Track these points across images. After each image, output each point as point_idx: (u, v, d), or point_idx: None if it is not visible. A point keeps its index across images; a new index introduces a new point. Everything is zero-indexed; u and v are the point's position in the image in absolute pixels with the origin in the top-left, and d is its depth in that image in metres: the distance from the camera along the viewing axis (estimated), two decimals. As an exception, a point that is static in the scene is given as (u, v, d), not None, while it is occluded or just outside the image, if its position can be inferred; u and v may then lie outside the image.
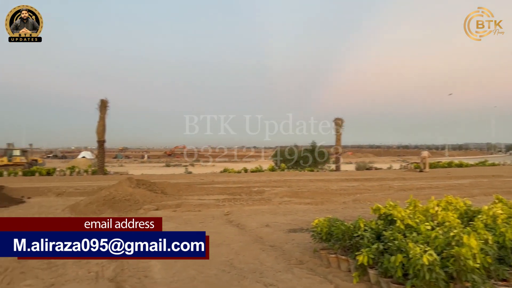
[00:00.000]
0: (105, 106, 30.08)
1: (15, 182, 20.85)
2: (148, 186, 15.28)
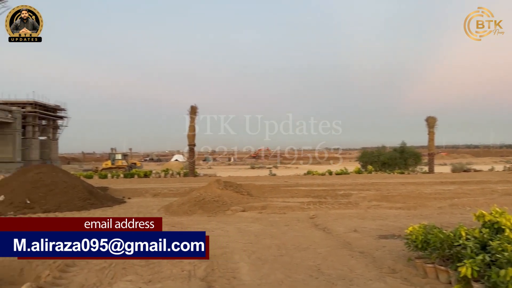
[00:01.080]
0: (194, 112, 31.72)
1: (117, 183, 22.91)
2: (235, 188, 15.72)
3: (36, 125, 56.90)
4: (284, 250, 7.19)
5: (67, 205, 12.67)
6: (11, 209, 11.90)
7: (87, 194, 13.94)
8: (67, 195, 13.22)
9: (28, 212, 11.83)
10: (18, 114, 51.96)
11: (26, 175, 14.12)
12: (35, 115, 56.10)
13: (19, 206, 12.14)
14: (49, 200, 12.72)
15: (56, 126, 63.95)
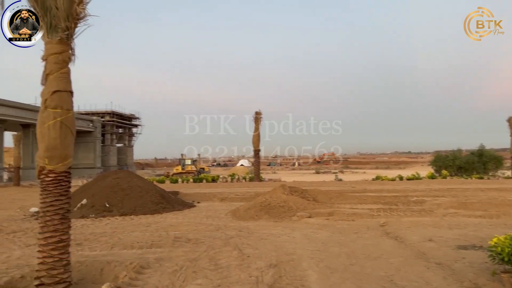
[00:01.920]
0: (259, 118, 32.08)
1: (187, 188, 23.80)
2: (300, 193, 15.58)
3: (113, 133, 61.20)
4: (354, 259, 6.94)
5: (142, 209, 13.39)
6: (93, 212, 12.83)
7: (160, 198, 14.63)
8: (142, 199, 13.98)
9: (107, 215, 12.68)
10: (98, 123, 56.30)
11: (105, 180, 15.17)
12: (112, 124, 60.40)
13: (99, 209, 13.06)
14: (125, 203, 13.54)
15: (131, 133, 68.25)
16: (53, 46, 5.30)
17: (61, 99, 5.33)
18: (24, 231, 10.00)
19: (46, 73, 5.35)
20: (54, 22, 5.24)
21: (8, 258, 7.11)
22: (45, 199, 5.27)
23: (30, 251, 7.56)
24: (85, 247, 8.01)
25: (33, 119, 43.09)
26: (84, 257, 6.84)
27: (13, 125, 43.25)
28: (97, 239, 8.94)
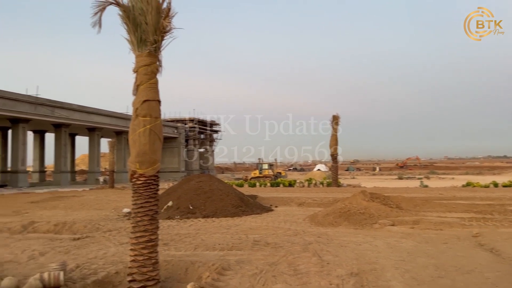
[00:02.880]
0: (336, 122, 31.44)
1: (264, 192, 24.10)
2: (382, 200, 14.91)
3: (196, 139, 64.26)
4: (443, 271, 6.45)
5: (222, 211, 13.83)
6: (178, 214, 13.55)
7: (239, 201, 15.00)
8: (223, 202, 14.44)
9: (191, 216, 13.30)
10: (182, 130, 59.54)
11: (189, 184, 15.95)
12: (195, 130, 63.46)
13: (184, 211, 13.76)
14: (207, 206, 14.09)
15: (212, 139, 71.08)
16: (142, 59, 5.69)
17: (150, 108, 5.70)
18: (118, 230, 10.87)
19: (137, 84, 5.77)
20: (144, 36, 5.64)
21: (105, 255, 7.77)
22: (136, 200, 5.67)
23: (123, 248, 8.19)
24: (171, 247, 8.47)
25: (125, 126, 46.90)
26: (170, 257, 7.24)
27: (108, 132, 47.44)
28: (182, 239, 9.41)
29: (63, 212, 15.68)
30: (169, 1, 5.66)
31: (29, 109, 35.39)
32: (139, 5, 5.57)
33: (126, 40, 5.78)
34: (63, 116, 39.05)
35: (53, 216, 14.18)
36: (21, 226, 11.28)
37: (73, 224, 11.43)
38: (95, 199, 21.52)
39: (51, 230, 10.90)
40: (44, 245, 8.84)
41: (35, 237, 9.94)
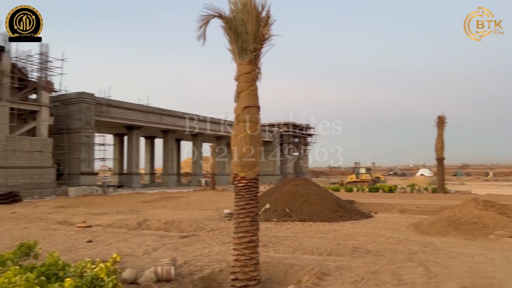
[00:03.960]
0: (442, 123, 29.14)
1: (362, 197, 23.28)
2: (498, 208, 13.37)
3: (290, 143, 64.80)
4: None
5: (319, 216, 13.71)
6: (275, 216, 13.80)
7: (336, 206, 14.73)
8: (319, 206, 14.32)
9: (288, 219, 13.43)
10: (277, 134, 60.53)
11: (285, 187, 16.14)
12: (289, 134, 64.04)
13: (280, 214, 13.96)
14: (304, 210, 14.10)
15: (306, 142, 71.01)
16: (243, 67, 5.94)
17: (250, 114, 5.93)
18: (220, 230, 11.45)
19: (238, 91, 6.04)
20: (244, 45, 5.89)
21: (209, 253, 8.24)
22: (238, 202, 5.92)
23: (226, 248, 8.59)
24: (270, 249, 8.66)
25: (223, 131, 49.25)
26: (269, 258, 7.40)
27: (209, 137, 50.24)
28: (280, 242, 9.55)
29: (171, 212, 17.00)
30: (268, 9, 5.84)
31: (141, 117, 39.17)
32: (240, 16, 5.84)
33: (228, 50, 6.10)
34: (170, 122, 42.42)
35: (163, 215, 15.45)
36: (136, 223, 12.52)
37: (180, 223, 12.33)
38: (199, 200, 22.94)
39: (161, 228, 11.90)
40: (156, 241, 9.69)
41: (148, 234, 10.94)
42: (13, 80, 27.85)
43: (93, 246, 9.13)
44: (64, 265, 5.25)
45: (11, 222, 13.89)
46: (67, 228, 12.11)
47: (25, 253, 5.90)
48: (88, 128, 32.75)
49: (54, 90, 30.67)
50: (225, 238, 10.04)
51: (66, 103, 32.81)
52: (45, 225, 13.06)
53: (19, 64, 28.94)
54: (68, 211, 17.87)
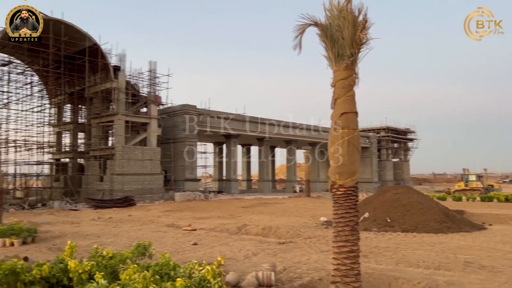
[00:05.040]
0: None
1: (473, 207, 21.19)
2: None
3: (389, 148, 61.74)
4: None
5: (424, 226, 12.81)
6: (375, 226, 13.24)
7: (443, 216, 13.61)
8: (423, 216, 13.38)
9: (389, 229, 12.79)
10: (374, 139, 58.18)
11: (385, 195, 15.41)
12: (388, 139, 61.09)
13: (381, 223, 13.35)
14: (406, 219, 13.30)
15: (407, 148, 66.99)
16: (340, 73, 5.87)
17: (348, 120, 5.82)
18: (317, 238, 11.35)
19: (335, 97, 5.98)
20: (341, 51, 5.82)
21: (308, 260, 8.22)
22: (337, 211, 5.82)
23: (324, 256, 8.49)
24: (370, 260, 8.33)
25: (317, 138, 48.87)
26: (371, 269, 7.12)
27: (302, 144, 50.26)
28: (381, 253, 9.14)
29: (268, 218, 17.36)
30: (365, 13, 5.71)
31: (238, 126, 40.77)
32: (336, 22, 5.79)
33: (323, 57, 6.08)
34: (265, 130, 43.46)
35: (260, 221, 15.84)
36: (236, 228, 13.03)
37: (277, 229, 12.52)
38: (294, 207, 23.05)
39: (260, 233, 12.21)
40: (255, 246, 9.97)
41: (248, 239, 11.30)
42: (127, 96, 31.15)
43: (198, 249, 9.72)
44: (175, 266, 5.70)
45: (128, 224, 15.46)
46: (175, 231, 13.08)
47: (141, 253, 6.53)
48: (191, 138, 35.09)
49: (162, 103, 33.51)
50: (323, 246, 9.92)
51: (171, 115, 35.63)
52: (156, 227, 14.28)
53: (132, 81, 32.27)
54: (175, 215, 19.30)
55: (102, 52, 30.02)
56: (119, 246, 9.62)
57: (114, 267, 5.89)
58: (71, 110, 36.50)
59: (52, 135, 36.26)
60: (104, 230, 13.46)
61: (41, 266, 5.70)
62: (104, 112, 31.97)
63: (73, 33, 28.74)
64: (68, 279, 5.65)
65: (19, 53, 30.94)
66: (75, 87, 33.35)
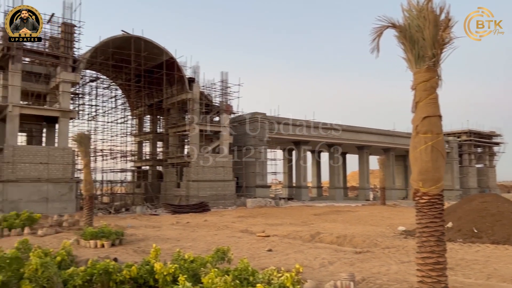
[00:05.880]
0: None
1: None
2: None
3: (471, 153, 57.29)
4: None
5: (518, 239, 11.66)
6: (459, 236, 12.32)
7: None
8: (516, 228, 12.19)
9: (476, 241, 11.82)
10: (454, 144, 54.35)
11: (470, 204, 14.29)
12: (470, 143, 56.73)
13: (467, 234, 12.39)
14: (496, 230, 12.20)
15: (492, 153, 61.67)
16: (421, 75, 5.61)
17: (431, 124, 5.54)
18: (396, 248, 10.83)
19: (416, 101, 5.71)
20: (421, 52, 5.56)
21: (388, 271, 7.88)
22: (421, 220, 5.52)
23: (405, 267, 8.09)
24: (457, 272, 7.78)
25: (392, 143, 46.91)
26: (458, 283, 6.66)
27: (376, 150, 48.51)
28: (469, 266, 8.48)
29: (341, 226, 16.95)
30: (447, 11, 5.41)
31: (307, 132, 40.53)
32: (415, 22, 5.56)
33: (402, 59, 5.85)
34: (335, 136, 42.67)
35: (334, 229, 15.52)
36: (309, 236, 12.91)
37: (353, 238, 12.17)
38: (369, 215, 22.26)
39: (334, 242, 11.97)
40: (330, 254, 9.78)
41: (322, 247, 11.13)
42: (201, 106, 32.51)
43: (273, 255, 9.78)
44: (253, 271, 5.79)
45: (204, 229, 16.04)
46: (249, 237, 13.30)
47: (220, 257, 6.74)
48: (261, 145, 35.58)
49: (233, 112, 34.45)
50: (403, 257, 9.46)
51: (242, 123, 36.46)
52: (230, 233, 14.64)
53: (205, 91, 33.63)
54: (248, 220, 19.63)
55: (178, 65, 31.68)
56: (198, 250, 10.00)
57: (196, 270, 6.14)
58: (150, 121, 38.97)
59: (134, 145, 39.04)
60: (182, 234, 14.09)
61: (130, 267, 6.11)
62: (180, 122, 33.62)
63: (151, 49, 30.71)
64: (154, 280, 5.99)
65: (105, 69, 33.77)
66: (154, 99, 35.61)
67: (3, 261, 5.67)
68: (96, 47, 27.92)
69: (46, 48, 25.87)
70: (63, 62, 25.42)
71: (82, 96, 33.37)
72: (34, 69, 26.92)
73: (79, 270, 5.88)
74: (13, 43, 23.59)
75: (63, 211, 22.55)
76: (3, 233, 13.35)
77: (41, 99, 27.50)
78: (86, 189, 15.73)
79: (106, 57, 30.04)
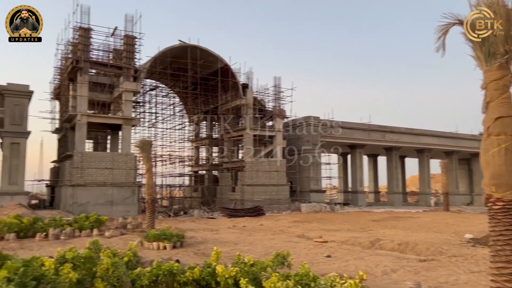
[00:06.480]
0: None
1: None
2: None
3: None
4: None
5: None
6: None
7: None
8: None
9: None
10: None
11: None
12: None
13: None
14: None
15: None
16: (492, 73, 5.29)
17: (504, 125, 5.20)
18: (464, 256, 10.21)
19: (487, 101, 5.39)
20: (492, 49, 5.26)
21: (456, 281, 7.45)
22: (494, 227, 5.19)
23: (475, 277, 7.61)
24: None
25: (455, 146, 44.45)
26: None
27: (437, 153, 46.16)
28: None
29: (402, 232, 16.29)
30: (521, 4, 5.06)
31: (363, 135, 39.53)
32: (485, 18, 5.26)
33: (471, 57, 5.55)
34: (393, 139, 41.22)
35: (394, 235, 14.95)
36: (369, 242, 12.55)
37: (416, 245, 11.66)
38: (432, 222, 21.20)
39: (395, 249, 11.53)
40: (392, 262, 9.43)
41: (383, 254, 10.77)
42: (255, 111, 32.88)
43: (332, 262, 9.62)
44: (315, 277, 5.73)
45: (260, 233, 16.15)
46: (306, 242, 13.19)
47: (280, 262, 6.75)
48: (315, 149, 35.21)
49: (286, 116, 34.46)
50: (472, 266, 8.90)
51: (295, 126, 36.34)
52: (287, 237, 14.61)
53: (258, 97, 33.98)
54: (304, 225, 19.48)
55: (232, 72, 32.33)
56: (256, 254, 10.08)
57: (256, 274, 6.19)
58: (206, 127, 40.05)
59: (191, 150, 40.31)
60: (240, 238, 14.28)
61: (192, 269, 6.30)
62: (235, 127, 34.23)
63: (207, 56, 31.61)
64: (216, 282, 6.13)
65: (163, 78, 35.26)
66: (209, 106, 36.59)
67: (78, 260, 6.08)
68: (155, 57, 29.26)
69: (110, 60, 27.59)
70: (126, 73, 26.95)
71: (143, 104, 35.12)
72: (99, 79, 28.82)
73: (145, 271, 6.15)
74: (81, 57, 25.52)
75: (126, 214, 23.76)
76: (75, 234, 14.29)
77: (105, 108, 29.31)
78: (149, 193, 16.46)
79: (164, 66, 31.36)
